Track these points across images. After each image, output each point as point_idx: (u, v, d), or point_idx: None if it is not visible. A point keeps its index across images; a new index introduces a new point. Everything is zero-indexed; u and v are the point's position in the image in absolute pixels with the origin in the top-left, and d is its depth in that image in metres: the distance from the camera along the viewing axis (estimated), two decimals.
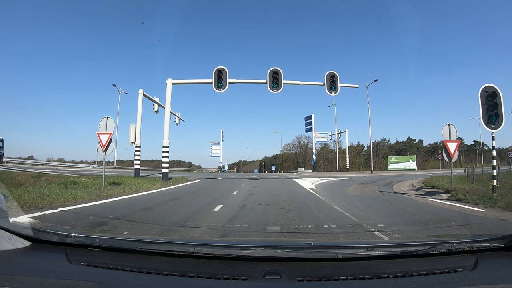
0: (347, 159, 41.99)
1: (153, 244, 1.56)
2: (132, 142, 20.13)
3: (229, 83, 15.43)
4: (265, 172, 67.73)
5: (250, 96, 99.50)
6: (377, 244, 1.64)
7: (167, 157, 16.39)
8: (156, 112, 24.07)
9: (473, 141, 56.59)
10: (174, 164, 79.16)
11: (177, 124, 29.02)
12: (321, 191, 11.86)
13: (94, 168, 34.25)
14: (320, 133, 45.18)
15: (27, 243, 1.56)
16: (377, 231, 4.47)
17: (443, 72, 76.03)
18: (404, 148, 58.06)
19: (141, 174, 19.12)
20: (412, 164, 38.70)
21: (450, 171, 11.81)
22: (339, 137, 44.31)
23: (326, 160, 62.16)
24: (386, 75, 76.09)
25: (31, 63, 73.62)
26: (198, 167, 74.74)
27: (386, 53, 75.77)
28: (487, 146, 53.65)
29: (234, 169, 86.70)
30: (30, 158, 40.65)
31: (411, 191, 12.36)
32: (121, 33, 79.57)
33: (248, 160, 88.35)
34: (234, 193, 10.67)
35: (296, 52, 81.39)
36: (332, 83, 15.60)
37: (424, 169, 40.70)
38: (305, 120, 46.42)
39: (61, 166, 33.65)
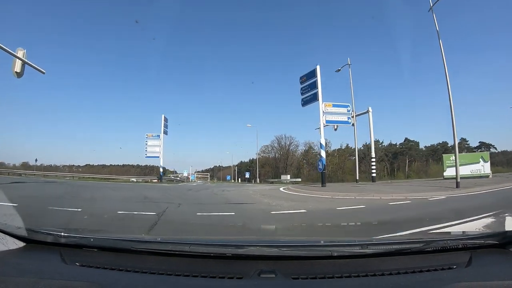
0: (373, 160, 22.41)
1: (148, 244, 1.54)
2: None
3: None
4: (237, 180, 54.68)
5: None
6: (372, 242, 1.61)
7: None
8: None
9: (479, 142, 48.77)
10: (147, 169, 65.56)
11: (17, 73, 12.99)
12: None
13: None
14: (333, 105, 19.96)
15: (21, 244, 1.52)
16: None
17: (439, 72, 67.12)
18: (401, 151, 50.09)
19: None
20: (485, 167, 21.21)
21: None
22: (353, 122, 21.72)
23: (311, 165, 49.48)
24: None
25: None
26: (173, 172, 61.42)
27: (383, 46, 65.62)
28: (494, 147, 46.91)
29: (208, 175, 74.77)
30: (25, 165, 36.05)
31: None
32: None
33: (224, 166, 77.09)
34: None
35: None
36: None
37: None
38: (302, 83, 19.02)
39: None
